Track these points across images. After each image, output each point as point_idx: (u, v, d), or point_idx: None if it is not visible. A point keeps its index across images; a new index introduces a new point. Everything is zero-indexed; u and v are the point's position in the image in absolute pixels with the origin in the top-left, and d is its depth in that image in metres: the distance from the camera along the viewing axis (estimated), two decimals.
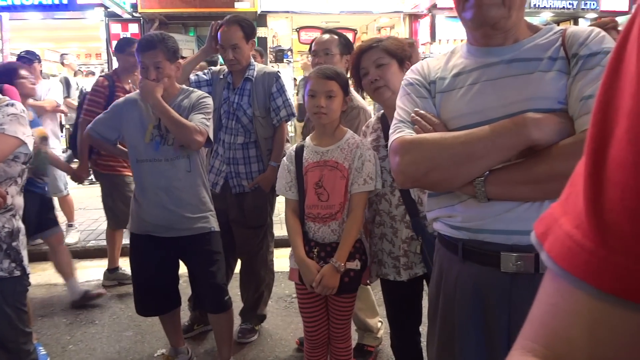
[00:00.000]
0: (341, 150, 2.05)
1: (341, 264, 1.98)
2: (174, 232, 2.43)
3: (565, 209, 0.42)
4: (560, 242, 0.41)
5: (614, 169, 0.37)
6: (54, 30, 10.39)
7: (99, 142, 2.62)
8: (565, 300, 0.41)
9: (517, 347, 0.46)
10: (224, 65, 3.04)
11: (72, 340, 3.18)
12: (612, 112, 0.38)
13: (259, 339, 3.12)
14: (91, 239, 4.93)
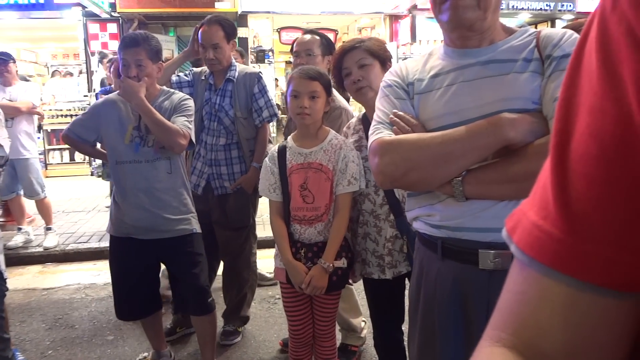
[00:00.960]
0: (325, 152, 2.05)
1: (330, 264, 1.99)
2: (155, 234, 2.41)
3: (532, 203, 0.44)
4: (528, 233, 0.43)
5: (578, 162, 0.39)
6: (31, 30, 10.19)
7: (77, 143, 2.57)
8: (534, 287, 0.43)
9: (486, 338, 0.47)
10: (205, 66, 3.02)
11: (52, 345, 3.13)
12: (574, 108, 0.40)
13: (243, 340, 3.11)
14: (70, 242, 4.86)
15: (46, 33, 10.67)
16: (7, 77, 4.75)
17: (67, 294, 3.80)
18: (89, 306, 3.67)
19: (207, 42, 2.83)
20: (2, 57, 4.74)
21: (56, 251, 4.65)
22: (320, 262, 2.00)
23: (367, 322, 2.85)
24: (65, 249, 4.73)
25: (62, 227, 5.25)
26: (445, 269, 1.31)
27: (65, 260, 4.62)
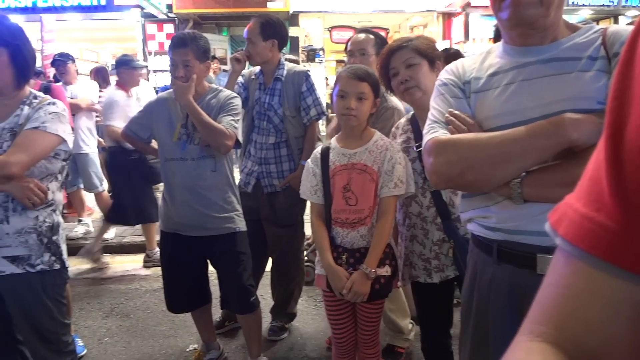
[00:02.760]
0: (370, 153, 2.01)
1: (372, 270, 1.94)
2: (200, 231, 2.47)
3: (579, 195, 0.42)
4: (577, 225, 0.41)
5: (635, 153, 0.38)
6: (92, 31, 10.65)
7: (133, 139, 2.68)
8: (583, 281, 0.41)
9: (524, 332, 0.45)
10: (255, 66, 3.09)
11: (108, 333, 3.28)
12: (627, 100, 0.40)
13: (289, 337, 3.14)
14: (127, 235, 5.05)
15: (107, 34, 11.13)
16: (67, 77, 5.01)
17: (122, 284, 3.96)
18: (143, 297, 3.81)
19: (246, 36, 2.92)
20: (61, 58, 5.01)
21: (113, 243, 4.85)
22: (362, 268, 1.95)
23: (414, 325, 2.82)
24: (121, 241, 4.93)
25: None
26: (501, 273, 1.28)
27: (121, 251, 4.81)
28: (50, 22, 8.49)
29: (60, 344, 2.04)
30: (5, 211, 1.86)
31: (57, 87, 2.75)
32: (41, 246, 1.92)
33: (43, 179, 1.92)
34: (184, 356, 2.95)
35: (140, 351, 3.04)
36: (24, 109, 1.93)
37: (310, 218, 2.12)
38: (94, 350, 3.05)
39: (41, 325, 1.97)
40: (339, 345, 2.18)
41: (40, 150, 1.87)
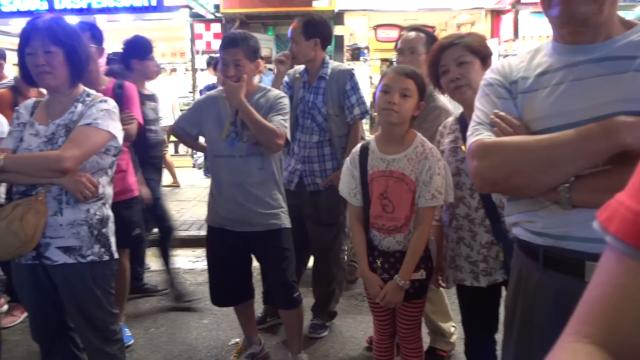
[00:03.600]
0: (408, 161, 1.98)
1: (405, 282, 1.95)
2: (246, 226, 2.51)
3: (631, 194, 0.41)
4: (630, 223, 0.40)
5: None
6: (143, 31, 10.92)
7: (182, 136, 2.74)
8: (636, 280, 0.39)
9: (570, 332, 0.44)
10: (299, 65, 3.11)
11: (154, 324, 3.38)
12: None
13: (330, 335, 3.15)
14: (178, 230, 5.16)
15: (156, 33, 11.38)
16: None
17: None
18: (188, 290, 3.89)
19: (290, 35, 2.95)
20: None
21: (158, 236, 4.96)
22: (396, 279, 1.96)
23: (457, 328, 2.77)
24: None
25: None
26: (547, 279, 1.24)
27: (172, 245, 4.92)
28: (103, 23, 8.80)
29: (108, 332, 2.12)
30: (59, 204, 1.94)
31: (129, 85, 2.86)
32: (92, 238, 2.00)
33: (94, 173, 2.00)
34: (226, 349, 3.01)
35: (184, 342, 3.12)
36: (77, 106, 2.01)
37: (349, 219, 2.14)
38: (141, 340, 3.15)
39: (90, 313, 2.05)
40: (380, 330, 2.21)
41: (92, 146, 1.95)
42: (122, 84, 2.86)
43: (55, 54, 1.91)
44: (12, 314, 3.46)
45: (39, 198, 1.90)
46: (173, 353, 3.01)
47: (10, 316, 3.43)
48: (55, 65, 1.92)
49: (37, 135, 1.98)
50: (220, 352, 2.99)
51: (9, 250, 1.89)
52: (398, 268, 1.97)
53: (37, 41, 1.90)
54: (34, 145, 1.96)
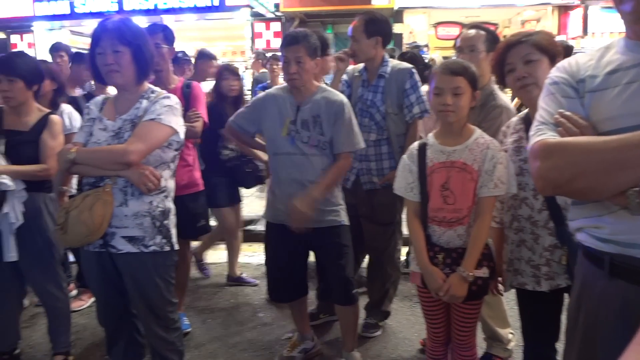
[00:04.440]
0: (470, 151, 1.95)
1: (470, 273, 1.90)
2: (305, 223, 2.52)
3: None
4: None
5: None
6: (205, 30, 11.29)
7: (238, 134, 2.79)
8: None
9: None
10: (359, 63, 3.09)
11: (211, 315, 3.48)
12: None
13: (383, 335, 3.13)
14: None
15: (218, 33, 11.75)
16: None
17: (225, 270, 4.16)
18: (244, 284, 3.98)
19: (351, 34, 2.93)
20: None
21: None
22: (460, 271, 1.91)
23: (515, 334, 2.68)
24: None
25: None
26: (613, 288, 1.18)
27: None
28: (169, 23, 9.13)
29: (168, 321, 2.20)
30: (125, 195, 2.03)
31: (196, 84, 2.98)
32: (154, 229, 2.08)
33: (157, 167, 2.07)
34: (280, 343, 3.05)
35: (239, 334, 3.19)
36: (142, 102, 2.09)
37: (406, 215, 2.10)
38: (198, 330, 3.24)
39: (151, 301, 2.13)
40: (434, 338, 2.16)
41: (155, 140, 2.02)
42: (190, 83, 2.97)
43: (122, 54, 2.00)
44: (81, 299, 3.66)
45: (107, 189, 1.99)
46: (228, 344, 3.08)
47: (79, 300, 3.63)
48: (122, 64, 2.01)
49: (105, 129, 2.07)
50: (274, 346, 3.03)
51: (78, 238, 1.99)
52: (460, 264, 1.93)
53: (106, 41, 1.99)
54: (103, 140, 2.06)
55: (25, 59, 2.65)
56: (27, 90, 2.58)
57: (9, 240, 2.52)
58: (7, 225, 2.50)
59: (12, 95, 2.54)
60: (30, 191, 2.55)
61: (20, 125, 2.61)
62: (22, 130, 2.60)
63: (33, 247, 2.59)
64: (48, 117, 2.66)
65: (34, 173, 2.54)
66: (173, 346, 2.23)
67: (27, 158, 2.55)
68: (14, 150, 2.55)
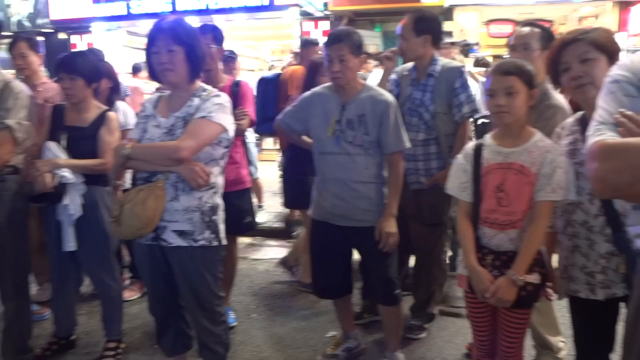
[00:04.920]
0: (529, 154, 1.88)
1: (520, 277, 1.83)
2: (349, 222, 2.52)
3: None
4: None
5: None
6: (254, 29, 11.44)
7: (286, 132, 2.82)
8: None
9: None
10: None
11: (256, 309, 3.54)
12: None
13: (428, 337, 3.09)
14: (276, 221, 5.35)
15: (267, 32, 11.87)
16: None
17: (271, 266, 4.22)
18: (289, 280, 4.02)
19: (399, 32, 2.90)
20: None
21: (265, 227, 5.17)
22: (510, 274, 1.84)
23: (567, 343, 2.59)
24: (272, 225, 5.26)
25: (271, 206, 5.79)
26: None
27: (271, 235, 5.12)
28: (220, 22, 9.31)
29: (215, 314, 2.25)
30: (176, 190, 2.09)
31: (245, 83, 3.04)
32: (203, 224, 2.13)
33: (207, 163, 2.12)
34: (323, 341, 3.06)
35: (283, 330, 3.22)
36: (194, 101, 2.14)
37: (457, 215, 2.06)
38: (243, 324, 3.30)
39: (199, 294, 2.19)
40: (480, 347, 2.11)
41: (206, 138, 2.07)
42: (238, 82, 3.02)
43: (176, 53, 2.05)
44: (133, 289, 3.79)
45: (159, 184, 2.06)
46: (272, 339, 3.12)
47: (131, 291, 3.77)
48: (176, 63, 2.06)
49: (159, 126, 2.14)
50: (317, 344, 3.05)
51: (131, 231, 2.07)
52: (509, 267, 1.87)
53: (161, 41, 2.06)
54: (156, 136, 2.12)
55: (86, 58, 2.78)
56: (86, 87, 2.69)
57: (68, 230, 2.65)
58: (67, 216, 2.63)
59: (73, 92, 2.66)
60: (89, 184, 2.67)
61: (80, 121, 2.73)
62: (82, 126, 2.72)
63: (90, 238, 2.71)
64: (106, 114, 2.77)
65: (92, 167, 2.66)
66: (219, 339, 2.29)
67: (86, 153, 2.67)
68: (74, 145, 2.68)
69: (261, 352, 2.98)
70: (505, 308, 1.92)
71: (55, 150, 2.62)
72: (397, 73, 3.07)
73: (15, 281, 2.62)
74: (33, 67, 3.48)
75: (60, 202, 2.61)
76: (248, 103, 2.99)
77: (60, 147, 2.65)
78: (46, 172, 2.54)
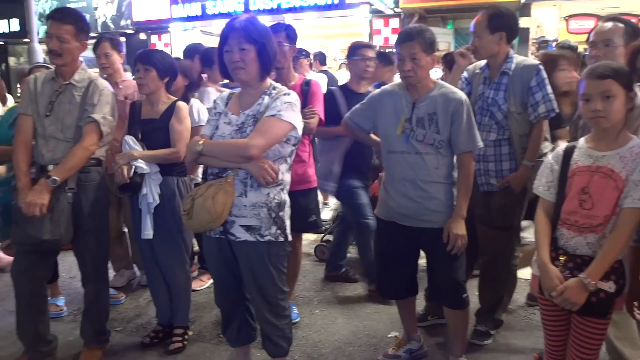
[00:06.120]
0: (621, 159, 1.80)
1: (592, 281, 1.74)
2: (416, 222, 2.49)
3: None
4: None
5: None
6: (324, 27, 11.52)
7: (354, 130, 2.82)
8: None
9: None
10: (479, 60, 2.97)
11: (319, 305, 3.57)
12: None
13: (494, 344, 2.98)
14: None
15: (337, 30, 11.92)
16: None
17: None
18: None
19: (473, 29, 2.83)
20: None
21: (329, 224, 5.19)
22: (582, 277, 1.76)
23: None
24: None
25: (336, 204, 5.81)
26: None
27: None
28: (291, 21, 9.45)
29: (279, 308, 2.29)
30: (245, 186, 2.14)
31: (315, 82, 3.08)
32: (270, 220, 2.17)
33: (275, 160, 2.16)
34: (385, 341, 3.04)
35: (345, 328, 3.23)
36: (264, 99, 2.19)
37: (536, 212, 2.01)
38: (306, 319, 3.34)
39: (264, 288, 2.24)
40: (551, 355, 2.03)
41: (275, 135, 2.11)
42: (309, 81, 3.06)
43: (248, 51, 2.10)
44: (201, 280, 3.94)
45: (229, 180, 2.12)
46: (334, 336, 3.13)
47: (199, 281, 3.92)
48: (247, 61, 2.11)
49: (230, 124, 2.20)
50: (379, 343, 3.03)
51: (202, 224, 2.14)
52: (583, 271, 1.78)
53: (233, 40, 2.11)
54: (227, 133, 2.19)
55: (162, 54, 2.93)
56: (159, 80, 2.83)
57: (146, 219, 2.79)
58: (145, 205, 2.78)
59: (146, 82, 2.80)
60: (164, 175, 2.80)
61: (153, 114, 2.87)
62: (154, 118, 2.86)
63: (165, 227, 2.84)
64: (175, 104, 2.89)
65: (165, 156, 2.79)
66: (282, 332, 2.32)
67: (159, 143, 2.80)
68: (149, 137, 2.83)
69: (322, 349, 3.00)
70: (579, 315, 1.84)
71: (132, 143, 2.77)
72: (468, 71, 2.98)
73: (95, 266, 2.79)
74: (115, 66, 3.69)
75: (140, 191, 2.76)
76: (317, 102, 3.01)
77: (137, 140, 2.80)
78: (124, 165, 2.70)
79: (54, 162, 2.59)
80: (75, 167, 2.56)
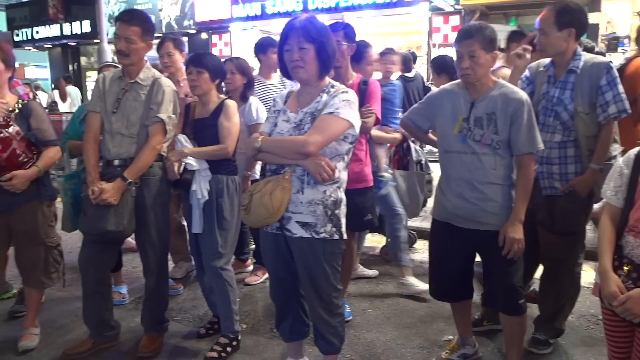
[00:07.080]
0: None
1: None
2: (472, 224, 2.43)
3: None
4: None
5: None
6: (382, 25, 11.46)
7: (412, 129, 2.79)
8: None
9: None
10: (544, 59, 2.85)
11: (371, 305, 3.56)
12: None
13: (553, 354, 2.87)
14: None
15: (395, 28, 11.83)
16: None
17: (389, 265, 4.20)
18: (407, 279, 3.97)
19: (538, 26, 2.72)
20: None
21: None
22: None
23: None
24: None
25: None
26: None
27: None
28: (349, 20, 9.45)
29: (332, 305, 2.30)
30: (302, 183, 2.16)
31: (373, 81, 3.09)
32: (325, 217, 2.18)
33: (332, 158, 2.17)
34: (438, 344, 3.00)
35: (396, 329, 3.21)
36: (322, 97, 2.20)
37: (600, 218, 1.93)
38: (358, 318, 3.34)
39: (319, 285, 2.25)
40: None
41: (332, 133, 2.12)
42: (366, 80, 3.05)
43: (307, 50, 2.12)
44: (256, 274, 4.02)
45: (286, 177, 2.15)
46: (386, 336, 3.11)
47: (254, 276, 4.00)
48: (307, 60, 2.13)
49: (288, 121, 2.23)
50: (432, 346, 2.99)
51: (259, 219, 2.18)
52: None
53: (293, 39, 2.14)
54: (285, 130, 2.22)
55: (212, 57, 3.00)
56: (210, 82, 2.90)
57: (195, 214, 2.87)
58: (195, 200, 2.85)
59: (198, 84, 2.87)
60: (213, 173, 2.86)
61: (204, 113, 2.95)
62: (205, 117, 2.93)
63: (207, 224, 2.88)
64: (223, 102, 2.95)
65: (213, 152, 2.85)
66: (335, 330, 2.33)
67: (209, 141, 2.86)
68: (199, 135, 2.90)
69: (374, 348, 2.99)
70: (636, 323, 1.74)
71: (183, 141, 2.86)
72: (530, 69, 2.88)
73: (156, 257, 2.90)
74: (177, 65, 3.82)
75: (190, 187, 2.85)
76: (375, 101, 3.00)
77: (188, 139, 2.89)
78: (175, 162, 2.79)
79: (119, 157, 2.74)
80: (145, 167, 2.73)
